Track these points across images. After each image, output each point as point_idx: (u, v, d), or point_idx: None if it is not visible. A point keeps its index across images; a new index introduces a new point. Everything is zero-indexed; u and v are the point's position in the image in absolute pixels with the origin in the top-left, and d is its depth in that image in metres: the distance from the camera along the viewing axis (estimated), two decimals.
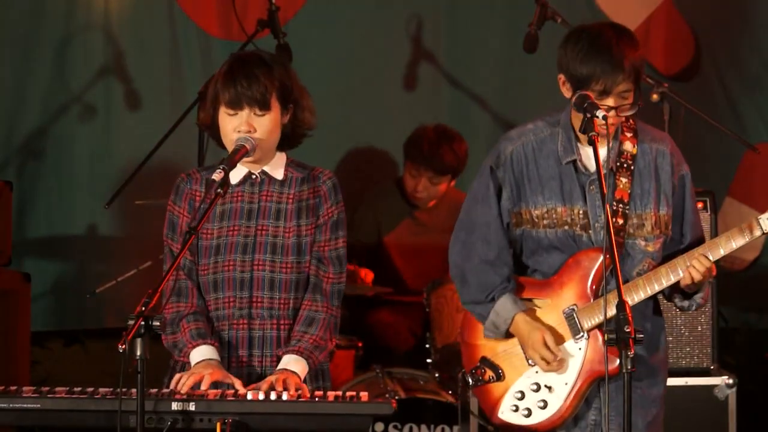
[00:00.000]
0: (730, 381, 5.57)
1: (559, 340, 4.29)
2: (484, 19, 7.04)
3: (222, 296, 4.23)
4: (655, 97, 5.86)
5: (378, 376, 5.97)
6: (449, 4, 7.05)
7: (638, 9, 7.00)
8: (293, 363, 4.13)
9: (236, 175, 4.26)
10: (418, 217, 6.71)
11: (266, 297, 4.21)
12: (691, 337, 5.65)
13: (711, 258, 4.21)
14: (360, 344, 6.29)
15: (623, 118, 4.28)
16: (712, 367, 5.64)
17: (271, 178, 4.28)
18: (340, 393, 3.98)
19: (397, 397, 5.74)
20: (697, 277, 4.20)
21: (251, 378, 4.13)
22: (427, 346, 6.16)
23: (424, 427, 5.82)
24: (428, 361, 6.13)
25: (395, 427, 5.83)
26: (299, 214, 4.27)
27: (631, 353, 3.67)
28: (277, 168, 4.30)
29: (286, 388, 3.98)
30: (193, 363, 4.12)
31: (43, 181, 6.63)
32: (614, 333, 3.71)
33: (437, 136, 6.55)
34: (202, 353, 4.12)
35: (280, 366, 4.14)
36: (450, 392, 5.87)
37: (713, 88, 7.06)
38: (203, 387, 3.97)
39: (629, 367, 3.68)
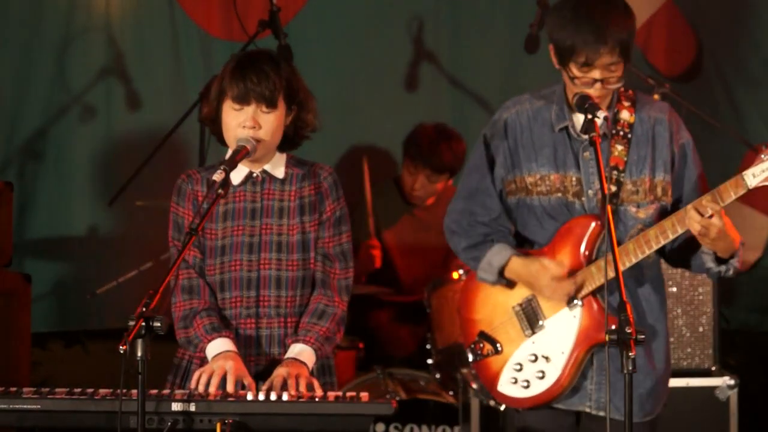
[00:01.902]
0: (732, 382, 5.57)
1: (555, 307, 4.27)
2: (485, 20, 7.04)
3: (229, 296, 4.24)
4: (656, 97, 5.87)
5: (379, 377, 5.97)
6: (450, 5, 7.05)
7: (640, 10, 6.96)
8: (303, 354, 4.15)
9: (237, 176, 4.27)
10: (417, 215, 6.70)
11: (273, 295, 4.23)
12: (693, 338, 5.64)
13: (702, 212, 4.07)
14: (361, 345, 6.30)
15: (610, 91, 4.24)
16: (713, 368, 5.64)
17: (272, 177, 4.29)
18: (340, 393, 3.99)
19: (397, 398, 5.74)
20: (696, 228, 4.06)
21: (260, 377, 4.12)
22: (428, 346, 6.15)
23: (425, 427, 5.83)
24: (429, 361, 6.13)
25: (396, 427, 5.83)
26: (302, 210, 4.28)
27: (632, 354, 3.66)
28: (277, 167, 4.30)
29: (297, 384, 3.99)
30: (210, 357, 4.12)
31: (44, 181, 6.62)
32: (615, 334, 3.70)
33: (436, 134, 6.56)
34: (218, 346, 4.13)
35: (289, 354, 4.15)
36: (451, 393, 5.87)
37: (714, 89, 7.06)
38: (229, 386, 3.98)
39: (630, 368, 3.67)
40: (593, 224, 4.24)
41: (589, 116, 4.10)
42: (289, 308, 4.25)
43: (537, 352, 4.31)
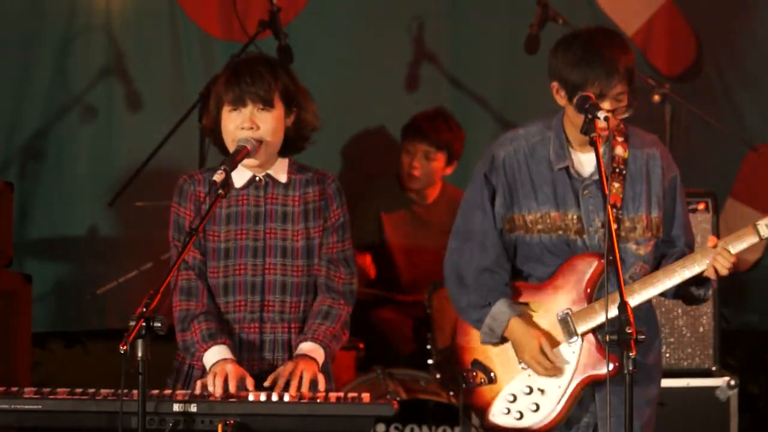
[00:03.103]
0: (732, 382, 5.58)
1: (553, 343, 4.29)
2: (485, 20, 7.04)
3: (233, 300, 4.24)
4: (656, 98, 5.87)
5: (379, 377, 5.97)
6: (451, 5, 7.05)
7: (640, 10, 6.99)
8: (313, 350, 4.16)
9: (241, 179, 4.27)
10: (417, 212, 6.70)
11: (278, 300, 4.23)
12: (693, 338, 5.65)
13: (732, 251, 4.20)
14: (361, 345, 6.29)
15: (619, 121, 4.28)
16: (713, 369, 5.64)
17: (275, 182, 4.29)
18: (341, 394, 3.99)
19: (398, 398, 5.74)
20: (723, 272, 4.20)
21: (262, 381, 4.11)
22: (429, 347, 6.15)
23: (425, 428, 5.82)
24: (429, 362, 6.13)
25: (396, 428, 5.83)
26: (306, 216, 4.28)
27: (632, 354, 3.66)
28: (280, 172, 4.30)
29: (300, 382, 4.01)
30: (208, 366, 4.12)
31: (44, 182, 6.62)
32: (616, 334, 3.71)
33: (435, 114, 6.58)
34: (215, 354, 4.13)
35: (299, 352, 4.16)
36: (451, 393, 5.87)
37: (715, 89, 7.05)
38: (231, 387, 3.98)
39: (630, 368, 3.68)
40: (596, 262, 4.26)
41: (590, 116, 4.11)
42: (293, 313, 4.25)
43: (532, 385, 4.32)
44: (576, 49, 4.21)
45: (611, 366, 3.78)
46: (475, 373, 4.40)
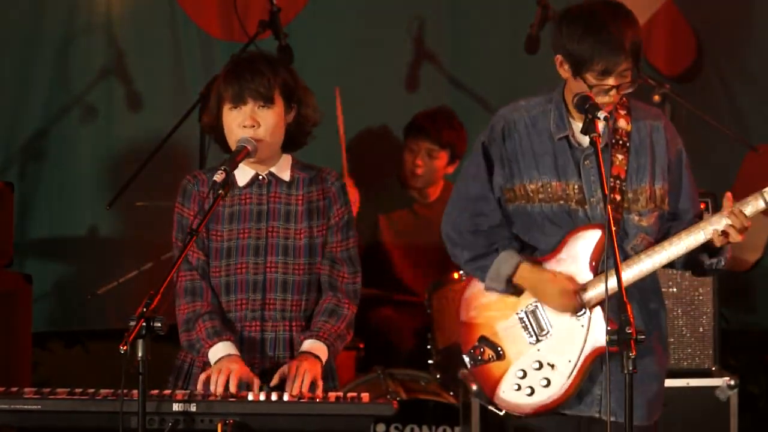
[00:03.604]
0: (732, 382, 5.57)
1: (561, 314, 4.26)
2: (485, 21, 7.04)
3: (234, 298, 4.24)
4: (656, 98, 5.87)
5: (379, 377, 5.97)
6: (451, 5, 7.05)
7: (640, 10, 6.95)
8: (317, 349, 4.16)
9: (243, 177, 4.27)
10: (418, 211, 6.70)
11: (279, 299, 4.23)
12: (693, 338, 5.64)
13: (748, 213, 4.15)
14: (361, 345, 6.29)
15: (622, 96, 4.27)
16: (713, 369, 5.63)
17: (278, 180, 4.29)
18: (341, 394, 3.99)
19: (398, 398, 5.74)
20: (736, 237, 4.14)
21: (264, 379, 4.12)
22: (429, 347, 6.15)
23: (425, 428, 5.82)
24: (429, 362, 6.13)
25: (396, 428, 5.83)
26: (310, 215, 4.28)
27: (632, 354, 3.66)
28: (283, 170, 4.30)
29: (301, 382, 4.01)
30: (212, 361, 4.12)
31: (45, 182, 6.63)
32: (616, 335, 3.71)
33: (437, 112, 6.60)
34: (220, 350, 4.13)
35: (303, 348, 4.16)
36: (451, 393, 5.87)
37: (715, 89, 7.06)
38: (232, 387, 3.98)
39: (630, 368, 3.67)
40: (599, 234, 4.22)
41: (590, 116, 4.10)
42: (294, 312, 4.25)
43: (542, 360, 4.29)
44: (581, 24, 4.16)
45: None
46: (482, 350, 4.35)
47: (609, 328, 3.77)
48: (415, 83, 7.05)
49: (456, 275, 6.00)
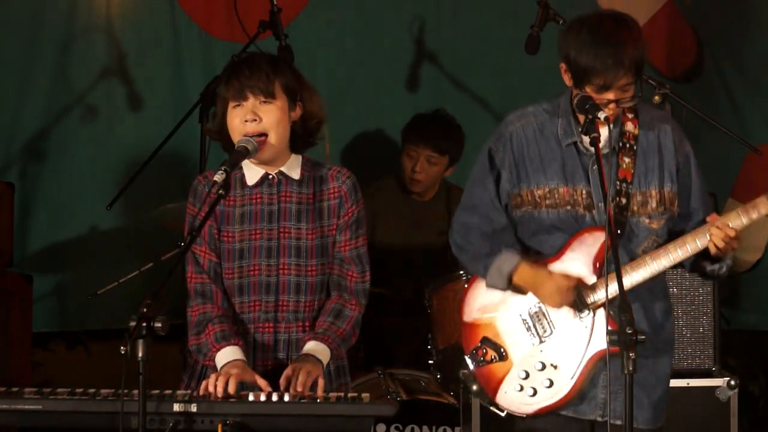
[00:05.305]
0: (732, 382, 5.57)
1: (564, 315, 4.27)
2: (486, 21, 7.04)
3: (247, 300, 4.24)
4: (657, 98, 5.86)
5: (379, 378, 5.97)
6: (451, 5, 7.05)
7: (640, 10, 6.99)
8: (320, 352, 4.17)
9: (253, 177, 4.27)
10: (416, 211, 6.70)
11: (292, 300, 4.24)
12: (693, 338, 5.64)
13: (732, 226, 4.18)
14: (361, 345, 6.29)
15: (622, 109, 4.28)
16: (713, 369, 5.63)
17: (288, 179, 4.28)
18: (342, 394, 3.99)
19: (398, 399, 5.74)
20: (720, 244, 4.17)
21: (277, 380, 4.12)
22: (429, 347, 6.15)
23: (425, 428, 5.82)
24: (430, 362, 6.12)
25: (396, 428, 5.82)
26: (321, 215, 4.28)
27: (632, 355, 3.66)
28: (293, 168, 4.30)
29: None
30: (219, 366, 4.13)
31: (45, 182, 6.63)
32: (616, 335, 3.71)
33: (435, 117, 6.60)
34: (227, 355, 4.14)
35: (306, 350, 4.16)
36: (452, 394, 5.87)
37: (715, 90, 7.06)
38: (231, 390, 3.98)
39: (630, 369, 3.67)
40: (604, 236, 4.23)
41: (590, 117, 4.11)
42: (307, 313, 4.26)
43: (545, 360, 4.29)
44: (584, 36, 4.17)
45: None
46: (485, 350, 4.36)
47: (609, 329, 3.78)
48: (415, 83, 7.05)
49: (456, 275, 6.00)
